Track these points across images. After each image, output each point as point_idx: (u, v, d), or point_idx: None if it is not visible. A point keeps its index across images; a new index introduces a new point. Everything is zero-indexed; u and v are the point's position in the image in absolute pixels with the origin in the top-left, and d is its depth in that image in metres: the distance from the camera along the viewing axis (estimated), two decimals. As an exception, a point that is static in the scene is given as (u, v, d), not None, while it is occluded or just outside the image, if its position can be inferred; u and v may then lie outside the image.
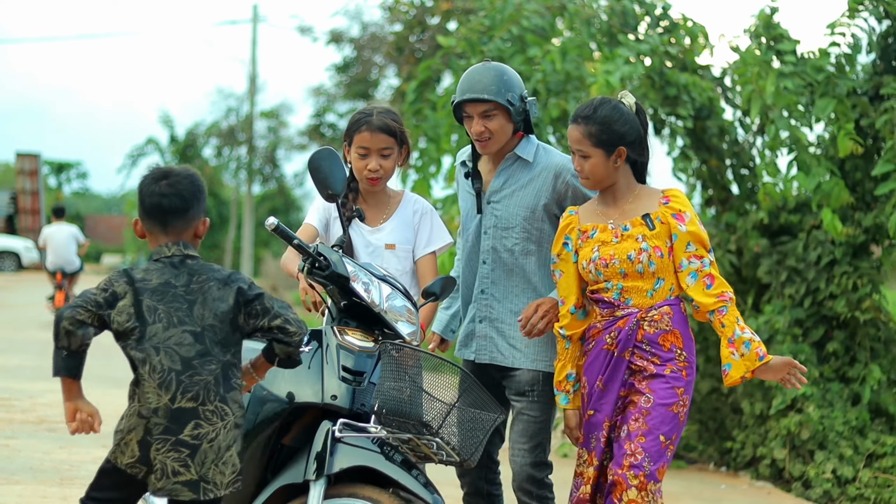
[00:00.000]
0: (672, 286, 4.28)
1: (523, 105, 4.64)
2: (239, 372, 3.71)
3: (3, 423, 8.69)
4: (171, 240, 3.74)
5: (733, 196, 8.89)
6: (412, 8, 15.59)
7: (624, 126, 4.31)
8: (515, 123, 4.65)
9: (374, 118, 4.64)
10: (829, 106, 7.38)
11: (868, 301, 7.88)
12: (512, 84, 4.62)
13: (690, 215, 4.27)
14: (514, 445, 4.71)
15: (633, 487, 4.15)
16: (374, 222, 4.71)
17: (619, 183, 4.37)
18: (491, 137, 4.63)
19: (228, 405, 3.64)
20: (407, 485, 3.90)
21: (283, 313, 3.67)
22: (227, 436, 3.63)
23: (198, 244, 3.83)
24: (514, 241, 4.69)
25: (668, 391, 4.21)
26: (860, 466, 7.55)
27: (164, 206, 3.73)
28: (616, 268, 4.29)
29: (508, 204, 4.69)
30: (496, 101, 4.57)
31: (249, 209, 37.20)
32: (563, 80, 8.52)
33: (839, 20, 7.55)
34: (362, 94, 23.84)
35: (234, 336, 3.68)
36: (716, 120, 8.57)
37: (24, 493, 6.40)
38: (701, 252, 4.24)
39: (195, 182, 3.82)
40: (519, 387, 4.68)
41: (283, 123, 37.87)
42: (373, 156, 4.63)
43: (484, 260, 4.74)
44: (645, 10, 8.70)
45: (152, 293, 3.63)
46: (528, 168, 4.71)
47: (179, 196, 3.75)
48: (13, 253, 36.75)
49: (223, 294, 3.67)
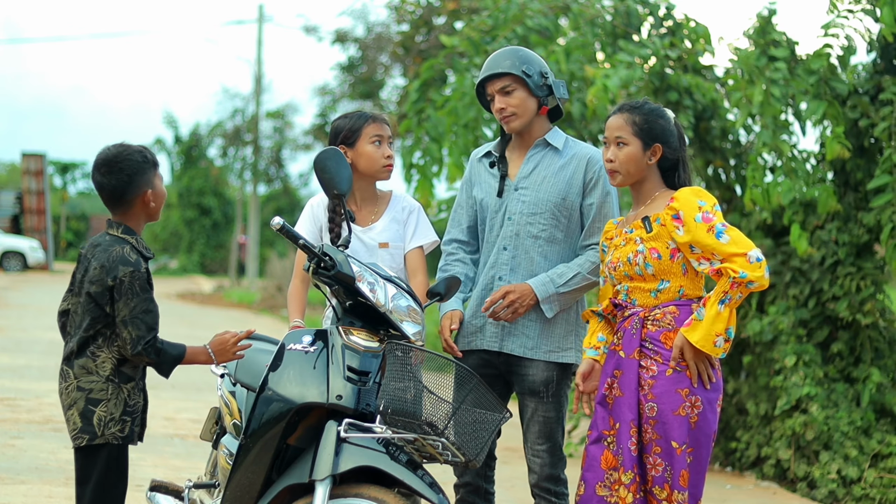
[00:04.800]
0: (681, 287, 4.24)
1: (544, 80, 4.66)
2: (101, 347, 4.11)
3: (8, 423, 8.70)
4: (115, 219, 4.21)
5: (737, 197, 8.89)
6: (418, 8, 15.60)
7: (665, 124, 4.32)
8: (539, 98, 4.67)
9: (376, 112, 4.80)
10: (820, 108, 7.37)
11: (870, 303, 7.88)
12: (528, 59, 4.67)
13: (690, 216, 4.16)
14: (533, 447, 4.70)
15: (664, 501, 4.16)
16: (365, 222, 4.79)
17: (646, 185, 4.36)
18: (513, 113, 4.66)
19: (74, 370, 4.13)
20: (412, 485, 3.90)
21: (130, 324, 4.03)
22: (69, 396, 4.14)
23: (154, 213, 4.24)
24: (541, 227, 4.68)
25: (671, 395, 4.16)
26: (865, 467, 7.55)
27: (102, 194, 4.19)
28: (621, 270, 4.30)
29: (539, 189, 4.69)
30: (512, 74, 4.62)
31: (255, 209, 37.22)
32: (567, 82, 8.53)
33: (833, 21, 7.53)
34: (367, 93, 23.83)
35: (102, 316, 4.07)
36: (719, 121, 8.57)
37: (29, 492, 6.42)
38: (707, 254, 4.17)
39: (124, 165, 4.18)
40: (533, 386, 4.67)
41: (288, 124, 37.90)
42: (384, 143, 4.76)
43: (504, 246, 4.72)
44: (648, 11, 8.70)
45: (78, 264, 4.20)
46: (558, 154, 4.72)
47: (110, 185, 4.16)
48: (18, 253, 36.76)
49: (101, 277, 4.05)
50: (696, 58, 8.52)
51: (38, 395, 10.22)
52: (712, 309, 4.10)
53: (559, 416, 4.69)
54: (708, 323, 4.10)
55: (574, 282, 4.62)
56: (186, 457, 7.92)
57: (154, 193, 4.21)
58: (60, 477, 6.88)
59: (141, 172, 4.18)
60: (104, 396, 4.16)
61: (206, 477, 5.00)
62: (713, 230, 4.13)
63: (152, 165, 4.23)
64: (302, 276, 4.81)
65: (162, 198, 4.27)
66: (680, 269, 4.24)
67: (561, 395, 4.69)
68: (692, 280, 4.25)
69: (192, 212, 45.06)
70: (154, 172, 4.23)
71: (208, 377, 10.59)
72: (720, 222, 4.14)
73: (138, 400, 4.28)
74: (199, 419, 9.19)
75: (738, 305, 4.18)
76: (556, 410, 4.68)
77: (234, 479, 4.16)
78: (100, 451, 4.15)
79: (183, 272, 44.66)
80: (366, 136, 4.73)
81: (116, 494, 4.22)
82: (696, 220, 4.15)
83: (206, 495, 4.78)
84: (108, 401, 4.16)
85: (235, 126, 37.76)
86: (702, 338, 4.10)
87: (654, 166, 4.35)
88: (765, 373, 8.34)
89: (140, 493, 6.51)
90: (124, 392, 4.20)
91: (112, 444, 4.16)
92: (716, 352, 4.12)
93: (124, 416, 4.19)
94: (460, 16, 12.87)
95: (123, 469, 4.25)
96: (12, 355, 13.47)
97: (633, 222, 4.32)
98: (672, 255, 4.23)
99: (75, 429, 4.15)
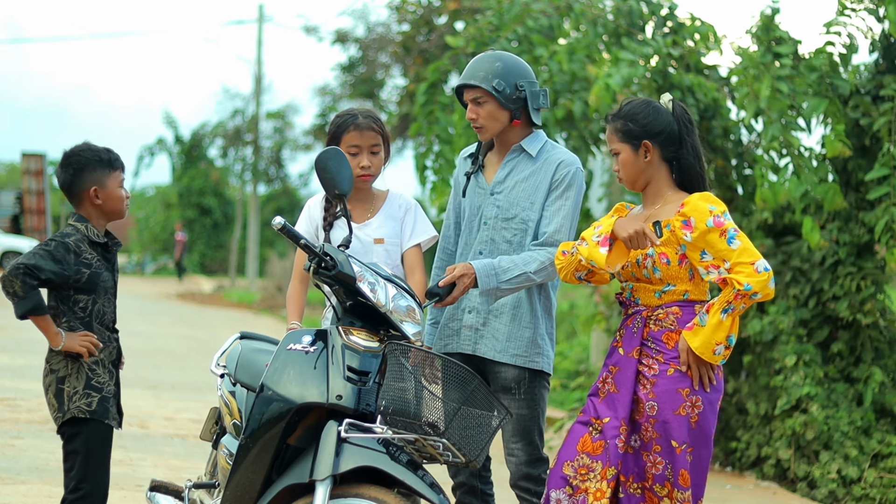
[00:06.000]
0: (686, 292, 4.24)
1: (518, 93, 4.65)
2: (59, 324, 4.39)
3: (8, 423, 8.70)
4: (75, 212, 4.53)
5: (738, 196, 8.88)
6: (419, 7, 15.59)
7: (648, 118, 4.29)
8: (510, 111, 4.66)
9: (361, 118, 4.75)
10: (821, 106, 7.37)
11: (871, 303, 7.87)
12: (504, 72, 4.65)
13: (701, 221, 4.15)
14: (508, 445, 4.71)
15: (665, 498, 4.16)
16: (360, 219, 4.79)
17: (652, 186, 4.35)
18: (482, 125, 4.68)
19: (47, 355, 4.44)
20: (413, 485, 3.90)
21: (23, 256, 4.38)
22: (46, 381, 4.43)
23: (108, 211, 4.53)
24: (513, 232, 4.70)
25: (672, 395, 4.18)
26: (865, 467, 7.55)
27: (60, 187, 4.52)
28: (629, 270, 4.31)
29: (510, 195, 4.72)
30: (482, 88, 4.62)
31: (255, 209, 37.23)
32: (570, 81, 8.52)
33: (835, 19, 7.53)
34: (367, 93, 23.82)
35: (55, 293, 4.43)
36: (720, 120, 8.56)
37: (29, 492, 6.41)
38: (717, 262, 4.16)
39: (73, 160, 4.48)
40: (505, 383, 4.68)
41: (288, 124, 37.90)
42: (363, 153, 4.73)
43: (480, 251, 4.74)
44: (651, 11, 8.69)
45: None
46: (531, 161, 4.73)
47: (60, 178, 4.48)
48: (19, 253, 36.72)
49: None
50: (698, 57, 8.52)
51: (38, 395, 10.18)
52: (714, 317, 4.12)
53: (533, 414, 4.69)
54: (709, 331, 4.12)
55: (517, 280, 4.58)
56: (186, 457, 7.92)
57: (103, 192, 4.47)
58: (60, 477, 6.86)
59: (89, 169, 4.46)
60: (66, 373, 4.40)
61: (206, 477, 4.99)
62: (725, 234, 4.15)
63: (107, 165, 4.49)
64: (301, 277, 4.82)
65: (115, 199, 4.51)
66: (687, 274, 4.24)
67: (535, 394, 4.69)
68: (697, 285, 4.26)
69: (192, 212, 45.05)
70: (108, 172, 4.49)
71: (208, 377, 10.59)
72: (732, 227, 4.16)
73: (104, 378, 4.45)
74: (199, 419, 9.18)
75: (741, 314, 4.18)
76: (530, 409, 4.68)
77: (234, 479, 4.15)
78: (78, 431, 4.38)
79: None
80: (344, 144, 4.73)
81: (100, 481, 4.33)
82: (707, 224, 4.16)
83: (206, 495, 4.78)
84: (69, 375, 4.40)
85: (236, 126, 37.77)
86: (702, 345, 4.12)
87: (660, 164, 4.34)
88: (765, 372, 8.34)
89: (140, 493, 6.52)
90: (85, 367, 4.40)
91: (83, 419, 4.35)
92: (715, 360, 4.14)
93: (87, 389, 4.39)
94: (461, 16, 12.85)
95: (105, 453, 4.38)
96: (12, 355, 13.46)
97: (649, 224, 4.30)
98: (681, 261, 4.24)
99: (53, 410, 4.42)
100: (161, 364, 13.67)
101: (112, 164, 4.51)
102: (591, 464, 4.22)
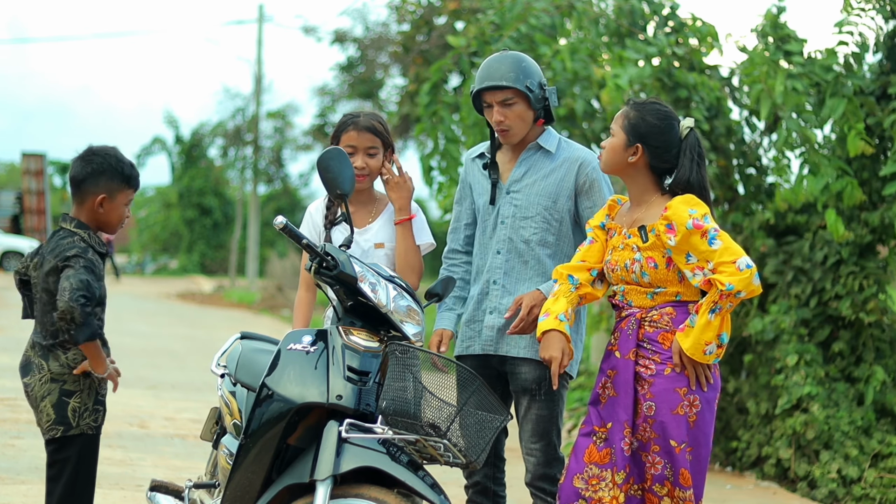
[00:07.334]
0: (678, 293, 4.23)
1: (543, 92, 4.65)
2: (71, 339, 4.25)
3: (8, 423, 8.70)
4: (72, 214, 4.42)
5: (740, 196, 8.88)
6: (419, 7, 15.58)
7: (654, 128, 4.27)
8: (536, 111, 4.66)
9: (361, 119, 4.76)
10: (840, 106, 7.36)
11: (873, 302, 7.87)
12: (530, 71, 4.64)
13: (682, 224, 4.13)
14: (527, 445, 4.70)
15: (665, 497, 4.15)
16: (361, 223, 4.78)
17: (634, 187, 4.34)
18: (510, 126, 4.65)
19: (47, 362, 4.31)
20: (413, 486, 3.90)
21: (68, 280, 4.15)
22: (42, 388, 4.30)
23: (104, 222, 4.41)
24: (532, 230, 4.69)
25: (669, 395, 4.17)
26: (865, 466, 7.55)
27: (70, 179, 4.42)
28: (619, 274, 4.31)
29: (529, 193, 4.70)
30: (515, 88, 4.59)
31: (255, 209, 37.23)
32: (572, 80, 8.51)
33: (846, 19, 7.54)
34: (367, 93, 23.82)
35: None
36: (723, 120, 8.55)
37: (29, 492, 6.41)
38: (702, 263, 4.15)
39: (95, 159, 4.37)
40: (526, 384, 4.67)
41: (288, 124, 37.90)
42: (359, 154, 4.72)
43: (498, 250, 4.73)
44: (653, 10, 8.69)
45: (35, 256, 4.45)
46: (549, 158, 4.72)
47: (75, 170, 4.39)
48: (18, 253, 36.74)
49: (54, 267, 4.27)
50: (701, 57, 8.51)
51: (38, 394, 10.19)
52: (703, 318, 4.12)
53: (552, 415, 4.69)
54: (698, 331, 4.12)
55: None
56: (186, 457, 7.91)
57: (109, 204, 4.36)
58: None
59: (107, 176, 4.35)
60: (77, 388, 4.30)
61: (206, 477, 4.99)
62: (706, 235, 4.13)
63: (124, 180, 4.38)
64: (308, 285, 4.82)
65: (116, 215, 4.41)
66: (676, 276, 4.24)
67: (555, 395, 4.68)
68: (689, 287, 4.25)
69: (192, 212, 45.04)
70: (122, 187, 4.38)
71: (208, 377, 10.59)
72: (713, 227, 4.15)
73: (104, 390, 4.41)
74: (199, 419, 9.18)
75: (730, 312, 4.17)
76: (550, 409, 4.68)
77: (234, 479, 4.15)
78: (73, 444, 4.27)
79: (183, 272, 44.65)
80: (342, 143, 4.74)
81: (87, 494, 4.29)
82: (687, 226, 4.14)
83: (206, 495, 4.77)
84: (81, 391, 4.30)
85: (236, 126, 37.77)
86: (692, 346, 4.13)
87: (644, 169, 4.32)
88: (766, 372, 8.34)
89: (140, 493, 6.51)
90: (95, 382, 4.33)
91: (86, 434, 4.28)
92: (706, 359, 4.14)
93: (96, 405, 4.34)
94: (461, 16, 12.84)
95: (93, 464, 4.36)
96: (12, 355, 13.41)
97: (631, 228, 4.30)
98: (668, 264, 4.23)
99: (49, 420, 4.28)
100: (161, 364, 13.66)
101: (129, 182, 4.40)
102: (601, 473, 4.21)
